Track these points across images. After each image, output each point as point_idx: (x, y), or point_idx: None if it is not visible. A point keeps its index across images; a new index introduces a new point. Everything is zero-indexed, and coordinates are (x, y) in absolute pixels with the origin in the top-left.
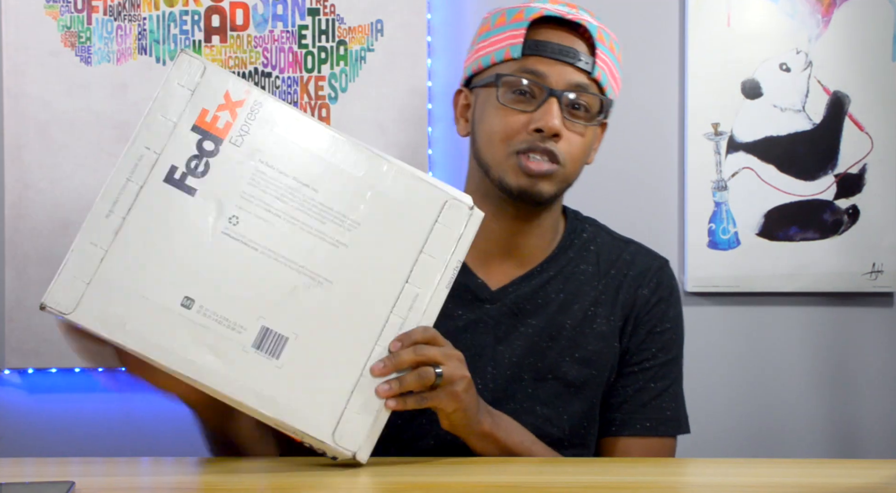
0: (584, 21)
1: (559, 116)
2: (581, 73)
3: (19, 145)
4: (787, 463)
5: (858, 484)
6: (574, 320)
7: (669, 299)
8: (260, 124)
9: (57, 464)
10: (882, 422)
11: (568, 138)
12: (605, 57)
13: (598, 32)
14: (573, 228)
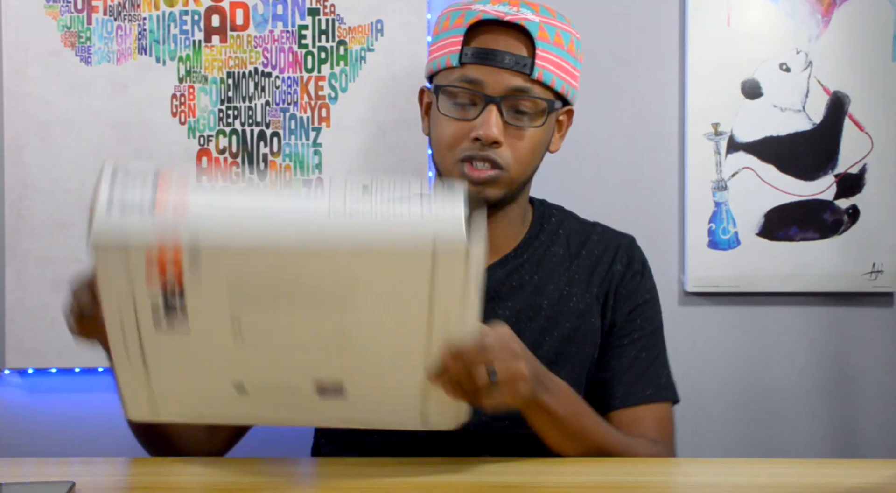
0: (522, 20)
1: (497, 124)
2: (520, 77)
3: (19, 145)
4: (787, 463)
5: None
6: (550, 300)
7: (644, 272)
8: (208, 256)
9: (57, 464)
10: (882, 422)
11: (511, 143)
12: (548, 54)
13: (540, 29)
14: (541, 214)
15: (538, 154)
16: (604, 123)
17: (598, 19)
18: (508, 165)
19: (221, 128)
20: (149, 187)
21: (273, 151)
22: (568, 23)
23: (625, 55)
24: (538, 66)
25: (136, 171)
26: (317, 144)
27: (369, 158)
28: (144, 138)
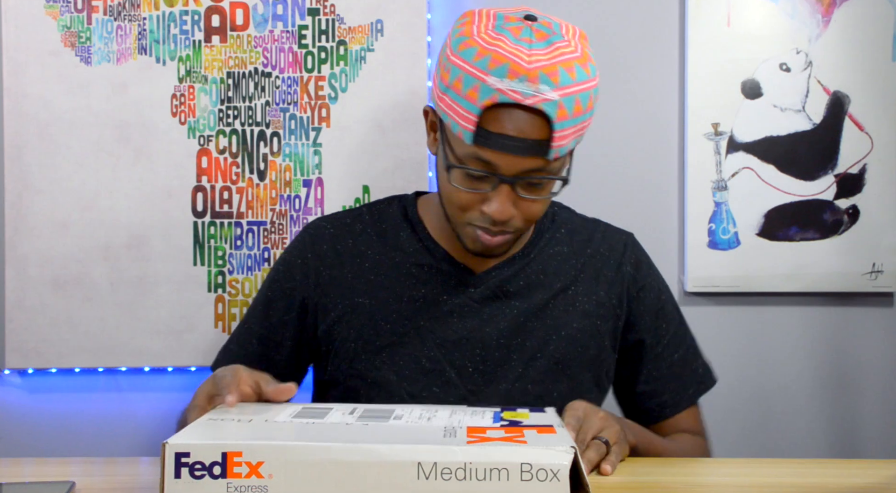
0: (541, 104)
1: (509, 204)
2: (536, 159)
3: (19, 145)
4: (787, 463)
5: (858, 484)
6: (557, 300)
7: (651, 271)
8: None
9: (57, 464)
10: (882, 422)
11: (523, 210)
12: (566, 130)
13: (560, 108)
14: (546, 213)
15: (547, 208)
16: (604, 123)
17: (599, 19)
18: (521, 228)
19: (221, 128)
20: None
21: (273, 151)
22: (588, 71)
23: (625, 55)
24: (554, 148)
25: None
26: (317, 144)
27: (369, 158)
28: (144, 138)
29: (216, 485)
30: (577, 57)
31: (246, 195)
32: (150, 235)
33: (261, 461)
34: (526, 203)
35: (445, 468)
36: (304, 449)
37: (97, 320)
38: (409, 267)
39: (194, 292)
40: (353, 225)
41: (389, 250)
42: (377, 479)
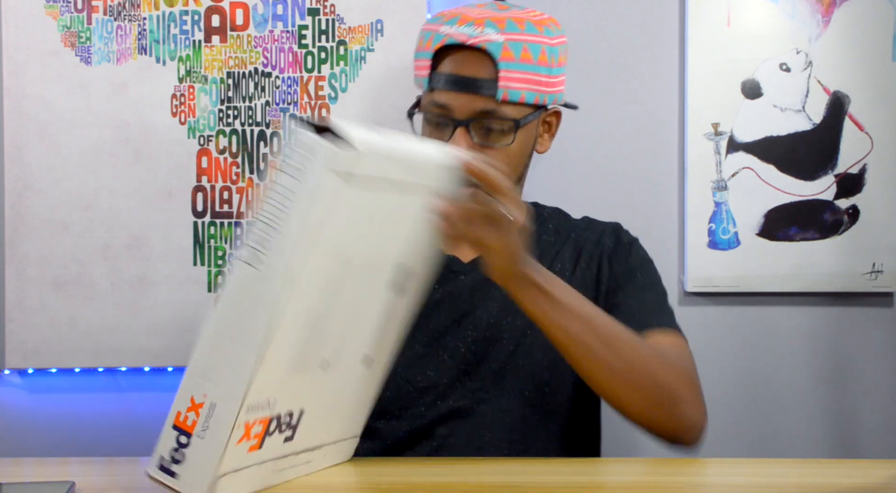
0: (484, 43)
1: (464, 147)
2: (485, 99)
3: (19, 145)
4: (787, 463)
5: (858, 484)
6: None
7: (633, 244)
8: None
9: (57, 464)
10: (882, 422)
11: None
12: (513, 73)
13: (504, 49)
14: (535, 212)
15: (516, 165)
16: (604, 123)
17: (599, 20)
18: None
19: (221, 128)
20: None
21: (273, 151)
22: (542, 30)
23: (625, 55)
24: (502, 88)
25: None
26: None
27: None
28: (144, 138)
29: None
30: (531, 17)
31: (246, 195)
32: (150, 235)
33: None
34: (484, 152)
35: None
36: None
37: (97, 320)
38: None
39: (194, 292)
40: None
41: None
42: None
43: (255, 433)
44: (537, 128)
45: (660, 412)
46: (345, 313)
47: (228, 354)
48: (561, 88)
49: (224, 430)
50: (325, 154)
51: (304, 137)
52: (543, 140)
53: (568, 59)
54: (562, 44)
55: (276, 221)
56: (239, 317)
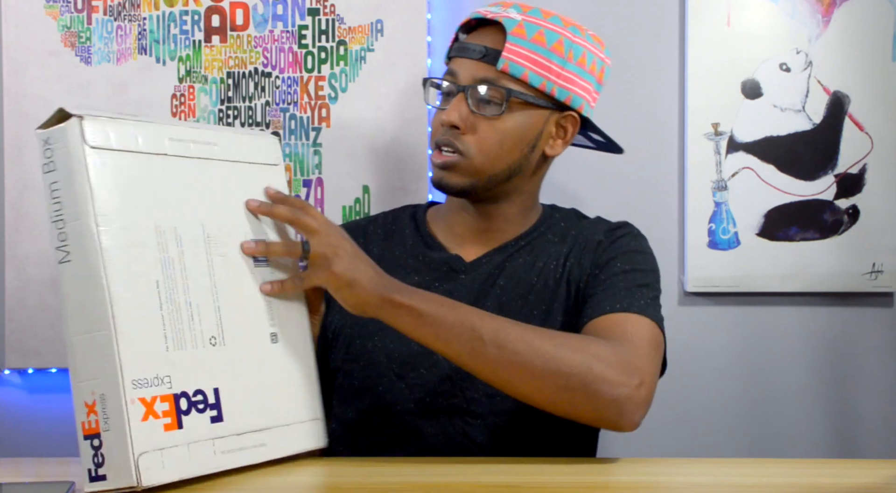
0: (502, 17)
1: (458, 109)
2: (487, 68)
3: (19, 145)
4: (787, 463)
5: (858, 484)
6: (539, 278)
7: (624, 237)
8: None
9: (57, 464)
10: (882, 422)
11: (476, 130)
12: (520, 48)
13: (518, 26)
14: (549, 214)
15: (508, 146)
16: (604, 123)
17: (599, 20)
18: (469, 151)
19: None
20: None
21: None
22: (568, 26)
23: (625, 55)
24: (504, 58)
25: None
26: (317, 144)
27: (369, 158)
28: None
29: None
30: (567, 17)
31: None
32: None
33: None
34: (479, 122)
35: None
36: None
37: None
38: (406, 259)
39: None
40: (366, 227)
41: (393, 246)
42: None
43: (161, 410)
44: (545, 123)
45: (574, 397)
46: (207, 289)
47: (89, 347)
48: (579, 90)
49: (119, 410)
50: (67, 133)
51: (44, 135)
52: (555, 144)
53: (604, 79)
54: (590, 51)
55: (60, 214)
56: (80, 311)
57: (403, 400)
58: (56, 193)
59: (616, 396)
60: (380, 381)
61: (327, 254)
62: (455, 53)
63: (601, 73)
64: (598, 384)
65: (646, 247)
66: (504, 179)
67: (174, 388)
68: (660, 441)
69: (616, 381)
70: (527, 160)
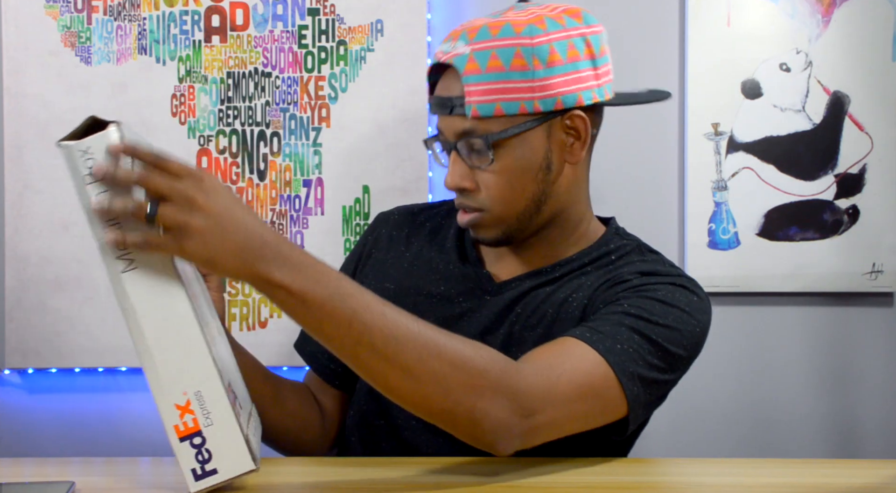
0: (451, 58)
1: (458, 171)
2: (461, 119)
3: (19, 145)
4: (787, 463)
5: (858, 484)
6: (555, 308)
7: (656, 284)
8: None
9: (57, 464)
10: (882, 422)
11: (482, 183)
12: (480, 85)
13: (469, 62)
14: (604, 242)
15: (519, 183)
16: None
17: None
18: (486, 205)
19: (221, 128)
20: None
21: (273, 151)
22: (521, 30)
23: (625, 55)
24: (469, 104)
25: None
26: (317, 144)
27: (369, 158)
28: (144, 138)
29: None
30: (515, 19)
31: (246, 195)
32: None
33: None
34: (480, 175)
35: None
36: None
37: (97, 320)
38: (439, 264)
39: None
40: (417, 216)
41: (432, 246)
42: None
43: (231, 398)
44: (549, 138)
45: (446, 406)
46: (193, 286)
47: (175, 349)
48: (565, 89)
49: (222, 401)
50: (110, 139)
51: (81, 145)
52: (573, 150)
53: (599, 49)
54: (559, 40)
55: (115, 222)
56: (157, 315)
57: (405, 415)
58: (106, 201)
59: (490, 416)
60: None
61: (173, 228)
62: (433, 109)
63: (589, 50)
64: (479, 402)
65: (682, 302)
66: (533, 212)
67: (226, 377)
68: (659, 441)
69: (499, 406)
70: (547, 184)
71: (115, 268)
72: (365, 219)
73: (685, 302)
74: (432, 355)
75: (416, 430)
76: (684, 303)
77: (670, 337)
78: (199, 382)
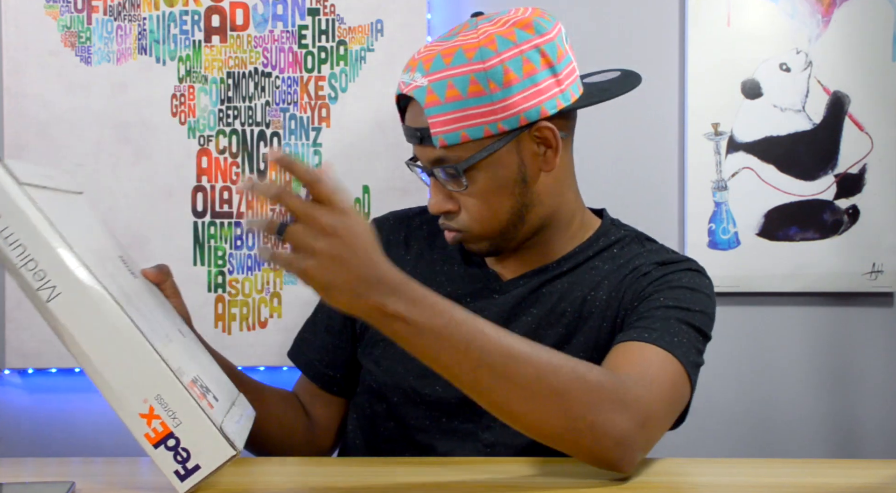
0: (411, 90)
1: (437, 196)
2: (430, 149)
3: (19, 145)
4: (787, 463)
5: (858, 484)
6: (574, 307)
7: (675, 273)
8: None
9: (57, 464)
10: (882, 422)
11: (462, 203)
12: (442, 116)
13: (428, 93)
14: (604, 232)
15: (495, 201)
16: (604, 123)
17: (599, 20)
18: (466, 226)
19: (221, 128)
20: None
21: None
22: (472, 56)
23: (625, 55)
24: (435, 135)
25: None
26: (317, 144)
27: (369, 158)
28: (144, 138)
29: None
30: (466, 42)
31: (246, 195)
32: (150, 235)
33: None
34: (460, 198)
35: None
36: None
37: None
38: (443, 266)
39: (194, 292)
40: (412, 220)
41: (434, 248)
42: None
43: (197, 392)
44: (519, 152)
45: (567, 424)
46: (142, 296)
47: (123, 361)
48: (526, 105)
49: (185, 398)
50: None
51: None
52: (546, 159)
53: (557, 55)
54: (511, 58)
55: (26, 256)
56: (95, 335)
57: (418, 416)
58: (11, 238)
59: (614, 435)
60: (396, 390)
61: (301, 248)
62: (406, 138)
63: (545, 59)
64: (598, 418)
65: (702, 286)
66: (515, 223)
67: (188, 374)
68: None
69: (615, 421)
70: (526, 195)
71: (38, 300)
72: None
73: (704, 285)
74: (549, 372)
75: (430, 431)
76: (703, 286)
77: (705, 322)
78: (155, 386)
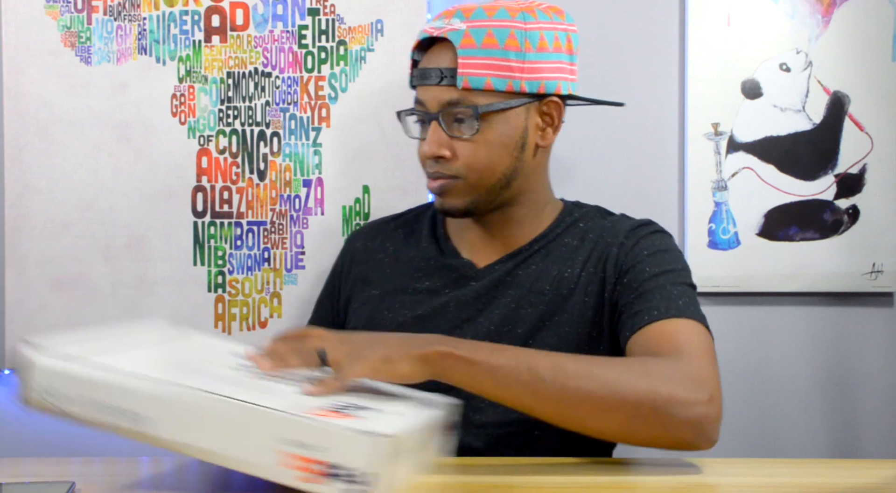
0: (446, 33)
1: (436, 139)
2: (450, 89)
3: (19, 145)
4: (787, 463)
5: (858, 484)
6: (552, 285)
7: (644, 238)
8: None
9: (57, 464)
10: (882, 422)
11: (461, 153)
12: (474, 59)
13: (465, 36)
14: (568, 212)
15: (496, 156)
16: (604, 123)
17: (599, 19)
18: (461, 173)
19: (221, 128)
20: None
21: (273, 151)
22: (516, 15)
23: (625, 55)
24: (461, 75)
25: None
26: (317, 144)
27: (369, 158)
28: (144, 138)
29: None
30: (509, 4)
31: (246, 195)
32: (150, 235)
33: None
34: (459, 144)
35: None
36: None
37: (97, 320)
38: (419, 262)
39: (194, 292)
40: (387, 225)
41: (409, 247)
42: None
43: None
44: (527, 118)
45: (646, 424)
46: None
47: (236, 435)
48: (548, 75)
49: (313, 426)
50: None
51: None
52: (545, 134)
53: (575, 48)
54: (548, 30)
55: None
56: (192, 434)
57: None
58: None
59: (690, 416)
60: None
61: (348, 349)
62: (417, 81)
63: (569, 45)
64: (669, 407)
65: (671, 244)
66: (503, 186)
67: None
68: None
69: (687, 400)
70: (520, 161)
71: (123, 427)
72: (365, 219)
73: (672, 243)
74: (597, 369)
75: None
76: (672, 244)
77: (688, 275)
78: (280, 433)
